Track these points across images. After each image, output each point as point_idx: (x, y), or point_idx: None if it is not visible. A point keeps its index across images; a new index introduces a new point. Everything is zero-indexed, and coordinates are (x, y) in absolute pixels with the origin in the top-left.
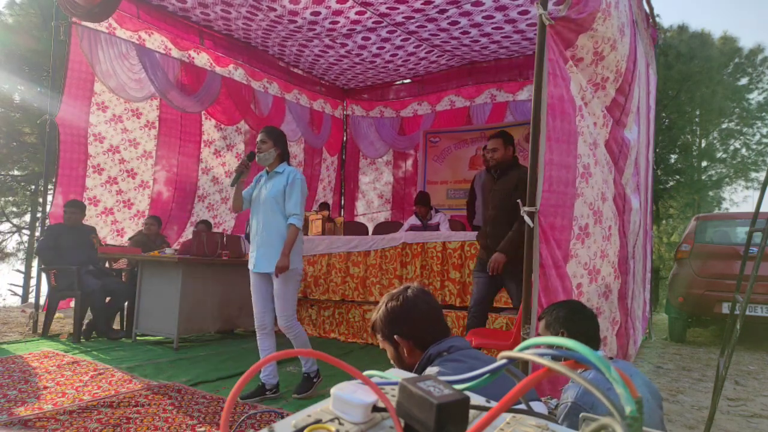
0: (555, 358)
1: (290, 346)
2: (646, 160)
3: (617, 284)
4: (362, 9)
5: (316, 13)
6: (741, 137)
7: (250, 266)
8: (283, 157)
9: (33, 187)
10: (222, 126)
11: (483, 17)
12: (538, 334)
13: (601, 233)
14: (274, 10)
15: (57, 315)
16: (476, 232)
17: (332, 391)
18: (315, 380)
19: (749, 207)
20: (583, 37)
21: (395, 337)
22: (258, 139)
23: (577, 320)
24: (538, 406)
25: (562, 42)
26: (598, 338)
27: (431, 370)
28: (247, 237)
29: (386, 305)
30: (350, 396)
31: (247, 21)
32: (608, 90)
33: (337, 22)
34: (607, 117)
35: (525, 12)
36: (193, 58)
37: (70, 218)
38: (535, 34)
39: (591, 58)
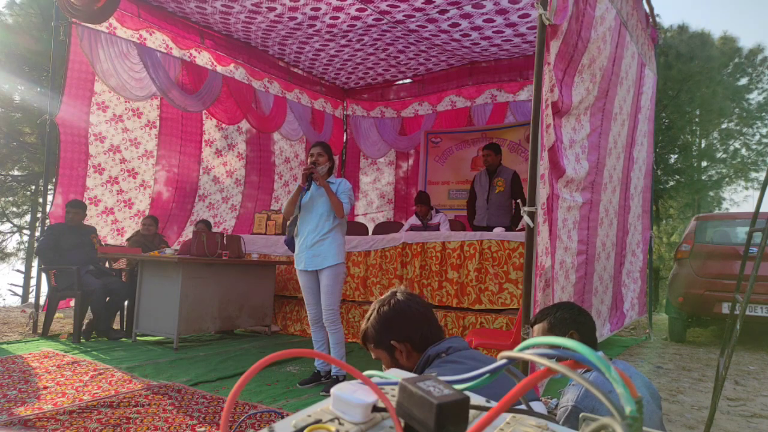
0: (556, 359)
1: (292, 346)
2: (628, 158)
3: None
4: (362, 6)
5: (316, 9)
6: (741, 137)
7: (300, 266)
8: (332, 170)
9: (33, 187)
10: (223, 125)
11: (483, 20)
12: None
13: None
14: (274, 9)
15: (57, 315)
16: (475, 232)
17: (332, 391)
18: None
19: (749, 207)
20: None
21: (392, 342)
22: (315, 152)
23: (583, 321)
24: (537, 406)
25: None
26: (596, 339)
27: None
28: (289, 242)
29: (378, 311)
30: (350, 396)
31: (248, 19)
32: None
33: (338, 18)
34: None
35: (525, 15)
36: (194, 57)
37: (73, 218)
38: (535, 37)
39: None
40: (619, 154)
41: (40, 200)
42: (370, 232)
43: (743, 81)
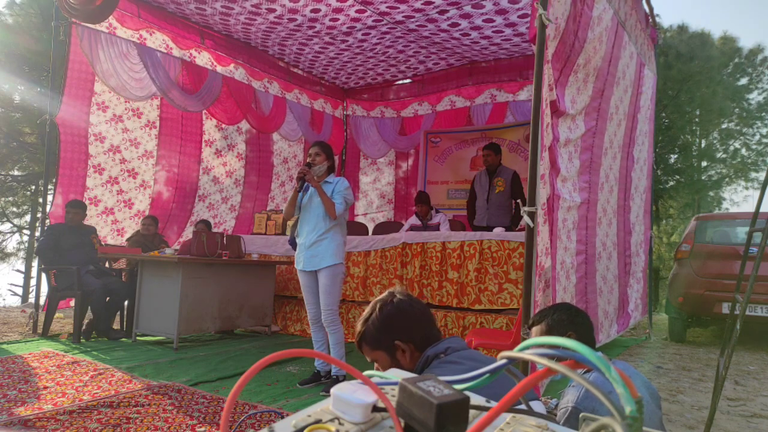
0: (556, 359)
1: (292, 346)
2: (627, 157)
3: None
4: (362, 8)
5: (316, 11)
6: (741, 137)
7: (299, 266)
8: (332, 168)
9: (33, 187)
10: (223, 126)
11: (483, 20)
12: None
13: None
14: (274, 11)
15: (57, 315)
16: (476, 232)
17: (332, 391)
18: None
19: (749, 207)
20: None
21: (396, 341)
22: (312, 152)
23: (580, 322)
24: (537, 406)
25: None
26: (594, 340)
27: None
28: (291, 242)
29: (379, 312)
30: (350, 396)
31: (248, 20)
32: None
33: (337, 19)
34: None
35: (525, 15)
36: (194, 57)
37: (73, 218)
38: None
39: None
40: (616, 153)
41: (40, 200)
42: (370, 232)
43: (743, 81)
